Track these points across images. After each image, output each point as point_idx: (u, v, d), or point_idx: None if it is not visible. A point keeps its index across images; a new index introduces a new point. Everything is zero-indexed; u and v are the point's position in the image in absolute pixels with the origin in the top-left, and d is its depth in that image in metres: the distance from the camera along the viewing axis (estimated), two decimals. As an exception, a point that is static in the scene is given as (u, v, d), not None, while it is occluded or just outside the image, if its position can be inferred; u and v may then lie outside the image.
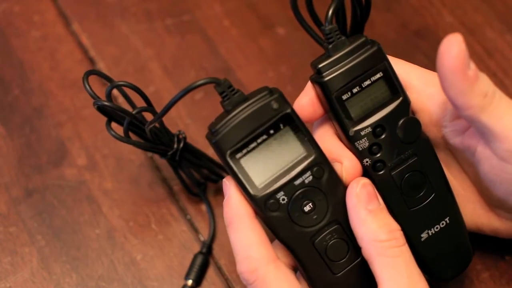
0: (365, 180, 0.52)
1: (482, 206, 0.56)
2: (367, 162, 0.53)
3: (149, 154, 0.66)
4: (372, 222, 0.50)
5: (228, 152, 0.49)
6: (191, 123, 0.67)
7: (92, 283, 0.60)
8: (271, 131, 0.50)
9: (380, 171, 0.53)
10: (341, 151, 0.53)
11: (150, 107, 0.57)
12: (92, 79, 0.69)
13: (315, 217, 0.51)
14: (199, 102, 0.68)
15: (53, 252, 0.61)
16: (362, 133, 0.52)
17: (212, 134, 0.50)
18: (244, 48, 0.71)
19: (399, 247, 0.50)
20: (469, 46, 0.70)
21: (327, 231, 0.52)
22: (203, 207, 0.64)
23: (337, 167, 0.53)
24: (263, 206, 0.50)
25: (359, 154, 0.53)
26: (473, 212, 0.56)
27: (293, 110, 0.50)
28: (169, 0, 0.74)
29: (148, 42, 0.71)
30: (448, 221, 0.55)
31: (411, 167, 0.54)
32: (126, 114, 0.55)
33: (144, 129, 0.57)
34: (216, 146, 0.49)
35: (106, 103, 0.54)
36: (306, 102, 0.53)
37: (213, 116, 0.67)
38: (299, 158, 0.51)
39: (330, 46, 0.52)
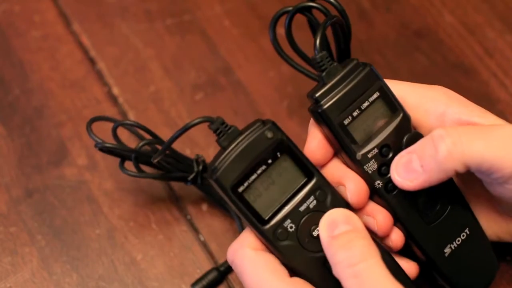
0: (332, 211, 0.51)
1: (497, 210, 0.55)
2: (378, 184, 0.53)
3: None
4: (332, 246, 0.49)
5: (230, 187, 0.49)
6: (191, 123, 0.67)
7: (92, 283, 0.60)
8: (269, 161, 0.50)
9: (393, 191, 0.53)
10: (343, 174, 0.53)
11: (155, 139, 0.58)
12: (92, 79, 0.69)
13: None
14: (199, 102, 0.68)
15: (53, 252, 0.61)
16: (369, 155, 0.52)
17: (212, 172, 0.50)
18: (244, 48, 0.71)
19: (362, 262, 0.48)
20: (469, 46, 0.70)
21: None
22: (204, 207, 0.64)
23: (341, 190, 0.53)
24: (272, 236, 0.50)
25: (370, 177, 0.52)
26: (490, 218, 0.56)
27: (287, 137, 0.50)
28: (169, 0, 0.74)
29: (148, 42, 0.71)
30: (468, 232, 0.55)
31: None
32: (129, 152, 0.56)
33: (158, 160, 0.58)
34: (217, 182, 0.49)
35: (107, 145, 0.56)
36: (316, 144, 0.53)
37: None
38: (301, 184, 0.51)
39: (324, 73, 0.52)
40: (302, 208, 0.51)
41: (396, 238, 0.54)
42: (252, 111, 0.67)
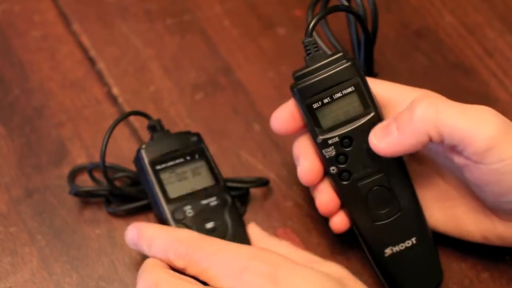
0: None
1: (483, 210, 0.55)
2: (333, 170, 0.55)
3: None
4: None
5: (151, 162, 0.58)
6: (191, 123, 0.67)
7: (92, 283, 0.60)
8: (188, 158, 0.59)
9: (346, 180, 0.55)
10: (303, 151, 0.56)
11: (124, 172, 0.62)
12: (92, 80, 0.69)
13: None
14: (199, 102, 0.68)
15: (53, 252, 0.61)
16: (330, 142, 0.55)
17: (138, 152, 0.59)
18: (244, 48, 0.71)
19: None
20: (469, 46, 0.70)
21: None
22: (203, 207, 0.64)
23: (297, 164, 0.56)
24: (170, 214, 0.57)
25: (326, 162, 0.55)
26: (476, 218, 0.55)
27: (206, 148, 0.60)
28: (169, 0, 0.74)
29: (148, 42, 0.71)
30: (414, 241, 0.56)
31: (377, 181, 0.55)
32: (105, 191, 0.61)
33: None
34: (140, 154, 0.59)
35: (81, 189, 0.61)
36: (284, 115, 0.56)
37: (213, 116, 0.67)
38: (210, 185, 0.59)
39: (308, 57, 0.55)
40: (204, 202, 0.57)
41: (337, 222, 0.56)
42: (252, 111, 0.67)
